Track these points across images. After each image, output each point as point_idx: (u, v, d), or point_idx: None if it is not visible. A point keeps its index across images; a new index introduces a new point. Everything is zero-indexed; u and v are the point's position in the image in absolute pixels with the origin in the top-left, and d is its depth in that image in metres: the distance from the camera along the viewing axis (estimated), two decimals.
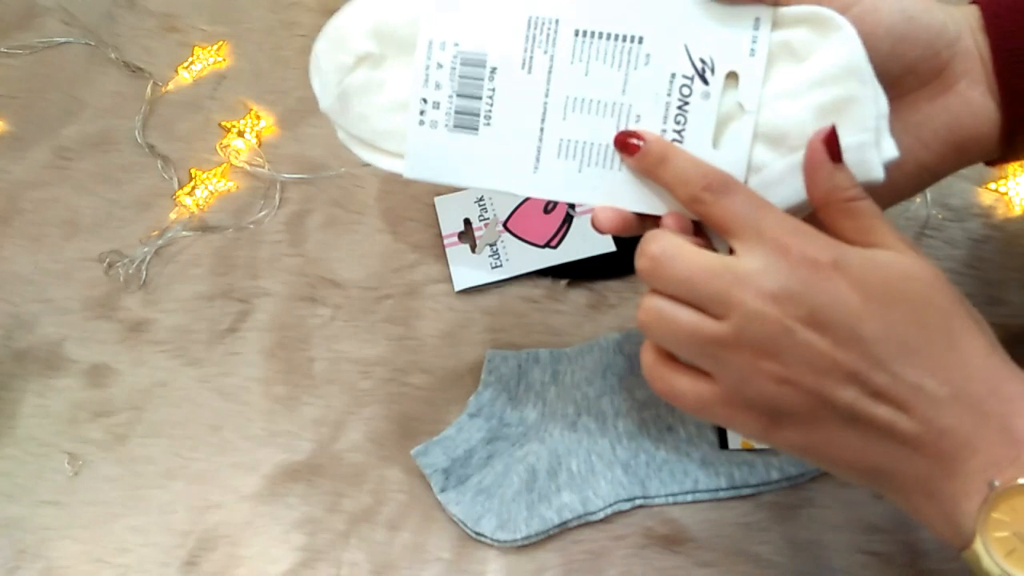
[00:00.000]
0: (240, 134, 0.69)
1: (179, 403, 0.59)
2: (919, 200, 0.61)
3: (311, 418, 0.57)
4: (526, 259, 0.60)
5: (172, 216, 0.66)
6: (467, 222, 0.62)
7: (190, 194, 0.67)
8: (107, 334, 0.62)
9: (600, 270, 0.59)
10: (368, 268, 0.62)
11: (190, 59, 0.74)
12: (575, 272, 0.59)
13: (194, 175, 0.68)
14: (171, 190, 0.67)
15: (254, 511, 0.55)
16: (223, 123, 0.70)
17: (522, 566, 0.51)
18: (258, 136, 0.69)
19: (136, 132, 0.70)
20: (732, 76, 0.36)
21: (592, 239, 0.59)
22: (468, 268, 0.60)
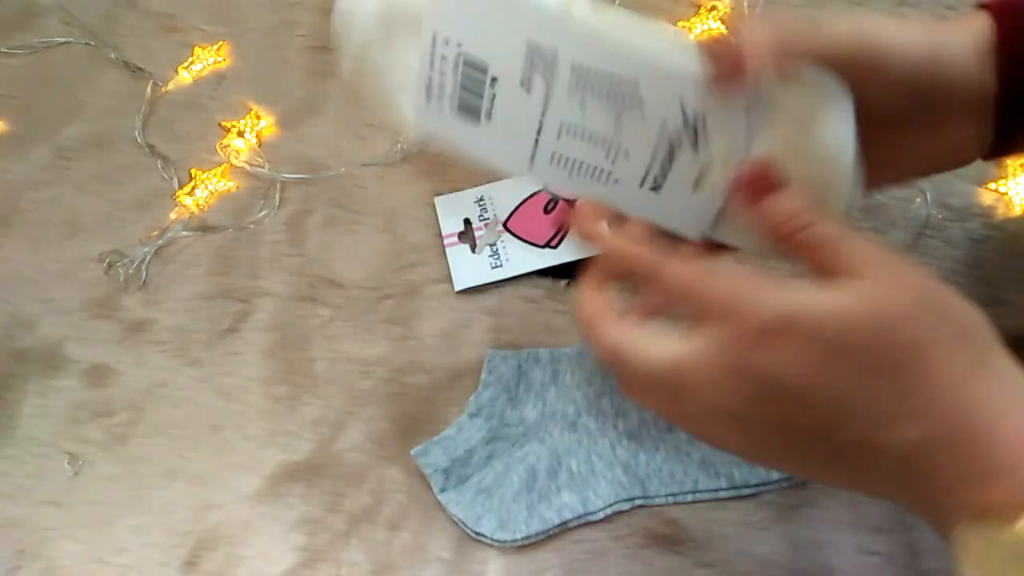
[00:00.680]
0: (240, 134, 0.69)
1: (179, 403, 0.59)
2: (919, 200, 0.61)
3: (311, 418, 0.57)
4: (526, 259, 0.60)
5: (172, 216, 0.66)
6: (467, 222, 0.62)
7: (190, 194, 0.67)
8: (107, 334, 0.62)
9: None
10: (368, 268, 0.62)
11: (190, 59, 0.74)
12: (575, 272, 0.60)
13: (194, 175, 0.68)
14: (171, 190, 0.67)
15: (254, 511, 0.55)
16: (223, 123, 0.70)
17: (522, 566, 0.51)
18: (258, 136, 0.69)
19: (136, 132, 0.70)
20: (723, 131, 0.36)
21: None
22: (468, 268, 0.60)
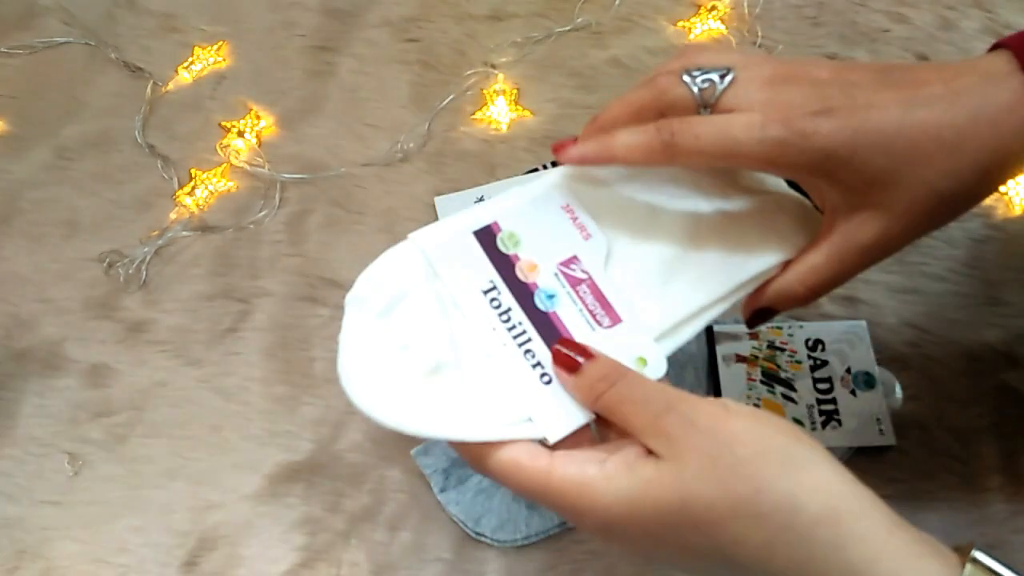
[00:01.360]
0: (240, 134, 0.69)
1: (179, 403, 0.59)
2: None
3: (311, 418, 0.57)
4: None
5: (172, 216, 0.66)
6: None
7: (190, 194, 0.67)
8: (107, 334, 0.62)
9: None
10: None
11: (190, 59, 0.74)
12: None
13: (194, 175, 0.68)
14: (171, 190, 0.67)
15: (254, 511, 0.55)
16: (223, 123, 0.70)
17: (522, 566, 0.51)
18: (258, 136, 0.69)
19: (136, 132, 0.70)
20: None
21: None
22: None
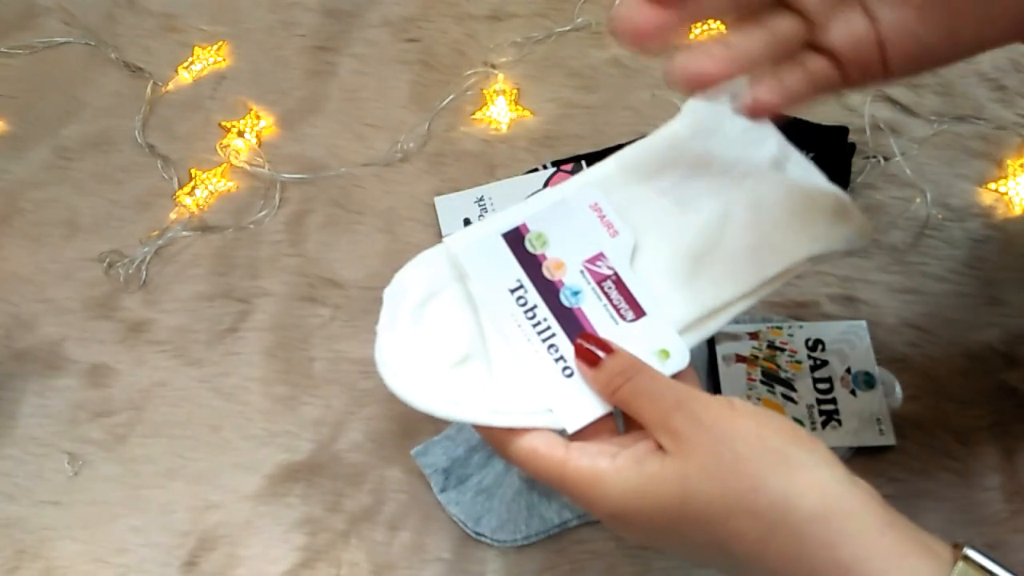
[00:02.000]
0: (240, 134, 0.69)
1: (179, 403, 0.59)
2: (919, 200, 0.61)
3: (311, 418, 0.57)
4: None
5: (172, 216, 0.66)
6: (467, 222, 0.62)
7: (190, 194, 0.67)
8: (107, 334, 0.62)
9: None
10: (368, 268, 0.62)
11: (190, 59, 0.74)
12: None
13: (194, 175, 0.68)
14: (171, 190, 0.67)
15: (254, 511, 0.55)
16: (223, 123, 0.70)
17: (522, 566, 0.51)
18: (258, 136, 0.69)
19: (136, 132, 0.70)
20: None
21: None
22: None
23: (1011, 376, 0.54)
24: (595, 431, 0.36)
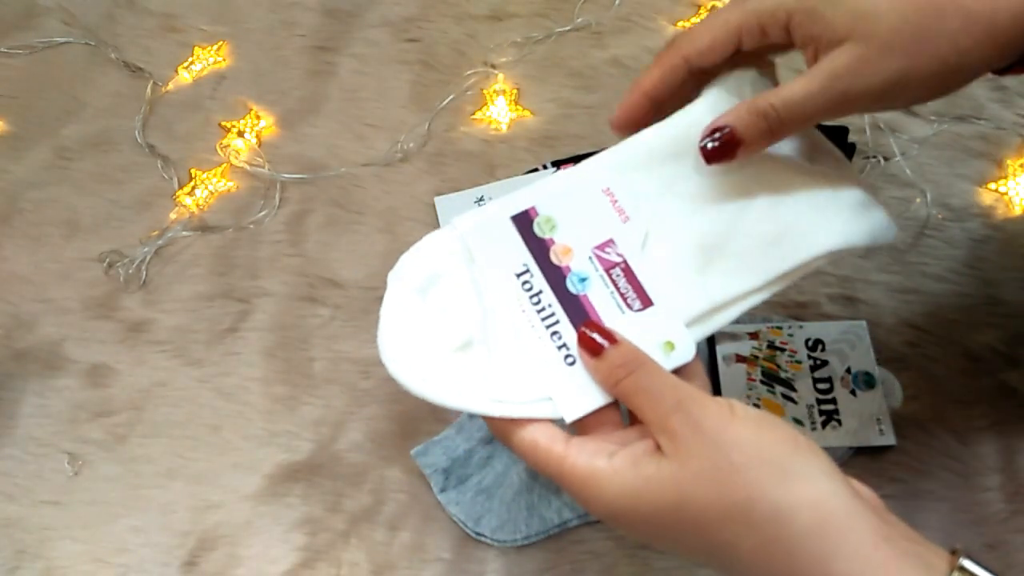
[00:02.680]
0: (240, 134, 0.69)
1: (179, 403, 0.59)
2: (919, 200, 0.61)
3: (311, 418, 0.57)
4: None
5: (172, 216, 0.66)
6: None
7: (190, 194, 0.67)
8: (107, 334, 0.62)
9: None
10: (368, 268, 0.62)
11: (190, 59, 0.74)
12: None
13: (194, 175, 0.68)
14: (171, 190, 0.67)
15: (254, 511, 0.55)
16: (223, 123, 0.70)
17: (522, 566, 0.51)
18: (258, 136, 0.69)
19: (136, 132, 0.70)
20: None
21: None
22: None
23: (1011, 376, 0.54)
24: (597, 422, 0.36)
